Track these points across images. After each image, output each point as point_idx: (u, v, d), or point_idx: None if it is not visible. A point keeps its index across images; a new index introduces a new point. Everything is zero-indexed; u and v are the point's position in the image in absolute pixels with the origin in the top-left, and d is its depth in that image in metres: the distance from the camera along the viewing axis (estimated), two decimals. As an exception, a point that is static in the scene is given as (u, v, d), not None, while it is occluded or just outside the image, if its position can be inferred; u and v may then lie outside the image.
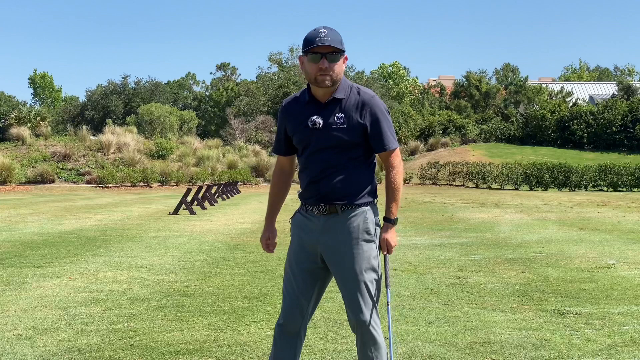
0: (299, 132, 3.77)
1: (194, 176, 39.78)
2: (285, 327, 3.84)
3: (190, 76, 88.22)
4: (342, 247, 3.75)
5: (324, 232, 3.77)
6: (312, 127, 3.71)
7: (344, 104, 3.72)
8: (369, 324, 3.72)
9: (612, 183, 36.79)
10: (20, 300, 7.19)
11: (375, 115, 3.72)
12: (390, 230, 3.81)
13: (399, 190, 3.79)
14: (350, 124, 3.69)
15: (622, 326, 5.98)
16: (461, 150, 50.71)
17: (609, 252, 10.77)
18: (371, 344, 3.76)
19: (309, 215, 3.83)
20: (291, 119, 3.81)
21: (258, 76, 75.46)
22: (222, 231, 14.33)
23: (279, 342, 3.87)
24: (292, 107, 3.83)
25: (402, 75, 79.28)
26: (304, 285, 3.83)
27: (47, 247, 11.48)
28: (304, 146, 3.78)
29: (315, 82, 3.69)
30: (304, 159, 3.81)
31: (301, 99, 3.82)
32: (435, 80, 76.39)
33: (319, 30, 3.65)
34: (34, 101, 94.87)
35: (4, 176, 36.73)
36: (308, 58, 3.67)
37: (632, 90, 57.19)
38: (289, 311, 3.83)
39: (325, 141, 3.71)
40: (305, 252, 3.83)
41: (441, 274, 8.75)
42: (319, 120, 3.71)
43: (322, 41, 3.62)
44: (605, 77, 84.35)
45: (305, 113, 3.75)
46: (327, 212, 3.76)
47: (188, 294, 7.51)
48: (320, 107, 3.73)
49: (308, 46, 3.65)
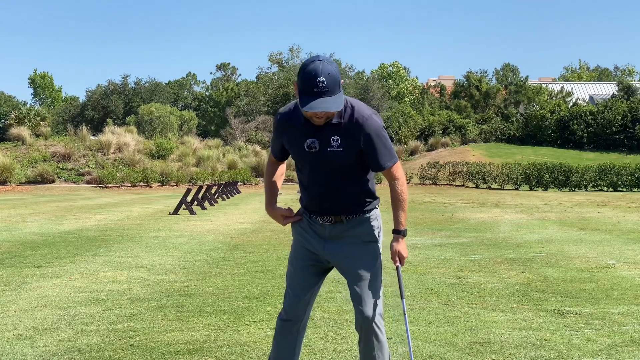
0: (297, 152, 3.76)
1: (194, 176, 39.78)
2: (289, 322, 3.89)
3: (190, 76, 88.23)
4: (348, 250, 3.82)
5: (329, 238, 3.84)
6: (309, 150, 3.68)
7: (340, 127, 3.66)
8: (372, 321, 3.77)
9: (612, 183, 36.80)
10: (20, 300, 7.19)
11: (369, 137, 3.65)
12: (401, 241, 3.85)
13: (405, 201, 3.81)
14: (346, 146, 3.65)
15: (622, 326, 5.98)
16: (461, 150, 50.70)
17: (609, 252, 10.77)
18: (375, 343, 3.80)
19: (313, 222, 3.88)
20: (287, 135, 3.78)
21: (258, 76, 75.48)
22: (222, 231, 14.33)
23: (281, 338, 3.92)
24: (289, 124, 3.76)
25: (402, 75, 79.29)
26: (306, 281, 3.89)
27: (47, 247, 11.48)
28: (302, 165, 3.80)
29: (310, 120, 3.65)
30: (303, 175, 3.83)
31: (296, 116, 3.73)
32: (435, 80, 76.39)
33: (317, 79, 3.46)
34: (34, 101, 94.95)
35: (4, 176, 36.73)
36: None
37: (632, 90, 57.17)
38: (294, 306, 3.88)
39: (323, 164, 3.70)
40: (309, 252, 3.90)
41: (441, 274, 8.76)
42: (315, 145, 3.67)
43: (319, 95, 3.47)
44: (605, 77, 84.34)
45: (301, 134, 3.69)
46: (332, 222, 3.81)
47: (188, 294, 7.51)
48: (316, 130, 3.67)
49: (303, 92, 3.49)
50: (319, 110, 3.48)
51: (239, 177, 40.20)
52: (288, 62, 74.24)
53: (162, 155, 42.73)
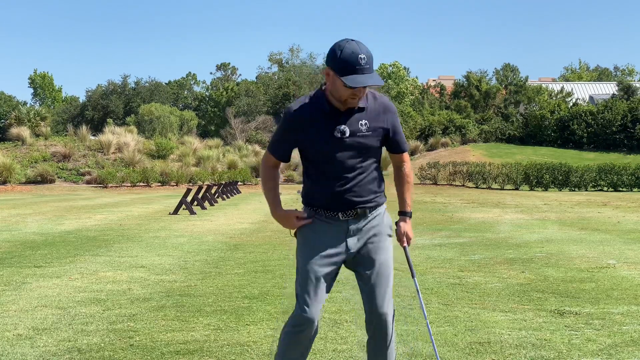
0: (324, 143, 3.67)
1: (194, 176, 39.79)
2: (308, 328, 3.75)
3: (190, 76, 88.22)
4: (373, 244, 3.82)
5: (352, 234, 3.78)
6: (341, 136, 3.66)
7: (366, 111, 3.70)
8: (391, 316, 3.83)
9: (612, 183, 36.79)
10: (20, 300, 7.19)
11: (394, 120, 3.81)
12: (408, 222, 3.98)
13: (412, 184, 3.97)
14: (374, 130, 3.71)
15: (622, 326, 5.98)
16: (461, 150, 50.69)
17: (609, 252, 10.77)
18: (390, 336, 3.83)
19: (331, 220, 3.78)
20: (310, 131, 3.68)
21: (258, 76, 75.49)
22: (222, 231, 14.33)
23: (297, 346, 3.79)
24: (310, 117, 3.69)
25: (402, 75, 79.26)
26: (326, 283, 3.79)
27: (47, 247, 11.48)
28: (327, 158, 3.70)
29: (344, 103, 3.64)
30: (327, 167, 3.72)
31: (318, 107, 3.69)
32: (435, 80, 76.41)
33: (359, 57, 3.50)
34: (34, 101, 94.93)
35: (4, 176, 36.73)
36: (342, 81, 3.55)
37: (632, 90, 57.16)
38: (314, 311, 3.75)
39: (351, 149, 3.68)
40: (327, 255, 3.77)
41: (441, 274, 8.76)
42: (346, 130, 3.67)
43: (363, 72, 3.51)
44: (605, 77, 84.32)
45: (330, 123, 3.67)
46: (355, 216, 3.77)
47: (188, 294, 7.51)
48: (343, 116, 3.68)
49: (346, 72, 3.51)
50: (370, 84, 3.54)
51: (239, 177, 40.21)
52: (288, 62, 74.24)
53: (162, 155, 42.74)
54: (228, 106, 62.70)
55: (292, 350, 3.81)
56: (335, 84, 3.59)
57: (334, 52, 3.55)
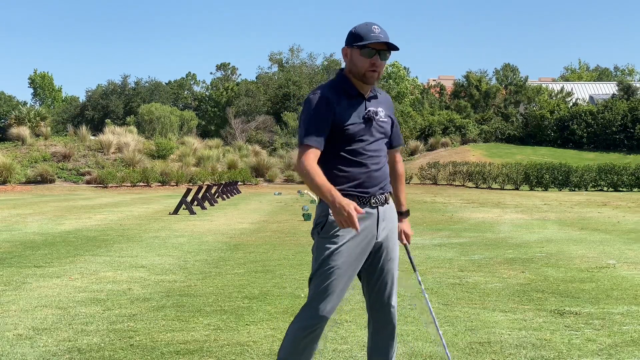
0: (359, 124, 3.69)
1: (194, 176, 39.79)
2: (322, 326, 3.74)
3: (190, 76, 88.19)
4: (393, 233, 3.90)
5: (381, 222, 3.78)
6: (373, 117, 3.74)
7: (379, 99, 3.83)
8: (396, 309, 3.92)
9: (612, 183, 36.80)
10: (20, 300, 7.19)
11: (393, 114, 3.96)
12: (406, 221, 4.10)
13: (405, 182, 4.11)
14: (387, 118, 3.85)
15: (622, 326, 5.98)
16: (461, 150, 50.69)
17: (609, 252, 10.77)
18: (395, 329, 3.90)
19: (363, 206, 3.71)
20: (344, 110, 3.67)
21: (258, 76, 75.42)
22: (222, 231, 14.33)
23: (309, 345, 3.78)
24: (338, 100, 3.69)
25: (402, 75, 79.25)
26: (349, 283, 3.76)
27: (47, 247, 11.48)
28: (362, 137, 3.70)
29: (364, 78, 3.67)
30: (360, 149, 3.69)
31: (344, 91, 3.70)
32: (435, 80, 76.40)
33: (372, 26, 3.63)
34: (34, 101, 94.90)
35: (4, 176, 36.74)
36: (360, 52, 3.62)
37: (632, 90, 57.16)
38: (334, 309, 3.74)
39: (378, 132, 3.77)
40: (360, 250, 3.72)
41: (441, 274, 8.76)
42: (373, 115, 3.75)
43: (378, 37, 3.60)
44: (605, 77, 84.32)
45: (359, 105, 3.73)
46: (382, 203, 3.80)
47: (188, 294, 7.51)
48: (369, 101, 3.78)
49: (362, 40, 3.61)
50: (379, 39, 3.59)
51: (239, 177, 40.20)
52: (288, 62, 74.21)
53: (162, 155, 42.74)
54: (228, 106, 62.68)
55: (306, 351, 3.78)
56: (354, 59, 3.65)
57: (350, 31, 3.69)
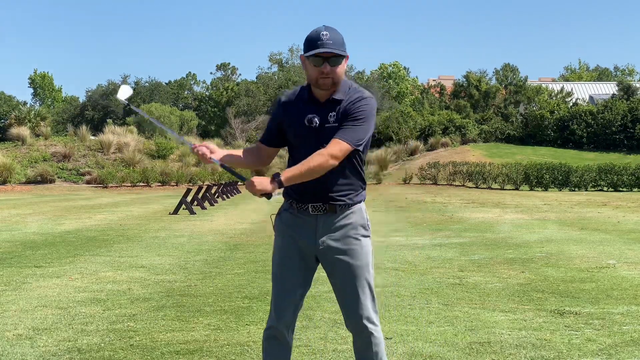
0: (296, 129, 3.75)
1: (194, 176, 39.79)
2: (280, 333, 3.76)
3: (190, 76, 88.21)
4: (343, 245, 3.73)
5: (321, 231, 3.74)
6: (309, 125, 3.70)
7: (341, 104, 3.71)
8: (372, 321, 3.74)
9: (612, 183, 36.79)
10: (20, 300, 7.19)
11: (354, 112, 3.66)
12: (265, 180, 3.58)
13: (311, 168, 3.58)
14: (341, 122, 3.69)
15: (622, 326, 5.98)
16: (461, 150, 50.68)
17: (609, 252, 10.77)
18: (373, 342, 3.76)
19: (302, 214, 3.76)
20: (288, 114, 3.78)
21: (258, 76, 75.43)
22: (222, 231, 14.33)
23: (270, 349, 3.80)
24: (291, 103, 3.80)
25: (402, 75, 79.28)
26: (297, 281, 3.77)
27: (47, 247, 11.48)
28: (300, 143, 3.75)
29: (317, 85, 3.69)
30: (299, 154, 3.73)
31: (300, 96, 3.79)
32: (435, 80, 76.36)
33: (321, 33, 3.62)
34: (34, 101, 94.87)
35: (4, 176, 36.73)
36: (310, 60, 3.65)
37: (632, 90, 57.13)
38: (282, 312, 3.76)
39: (322, 140, 3.68)
40: (296, 251, 3.77)
41: (441, 274, 8.76)
42: (316, 120, 3.70)
43: (324, 45, 3.60)
44: (605, 77, 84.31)
45: (304, 111, 3.73)
46: (325, 212, 3.73)
47: (188, 294, 7.51)
48: (319, 106, 3.73)
49: (310, 49, 3.63)
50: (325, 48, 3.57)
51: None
52: (288, 62, 74.24)
53: (162, 155, 42.74)
54: (228, 106, 62.69)
55: (270, 353, 3.79)
56: (307, 67, 3.70)
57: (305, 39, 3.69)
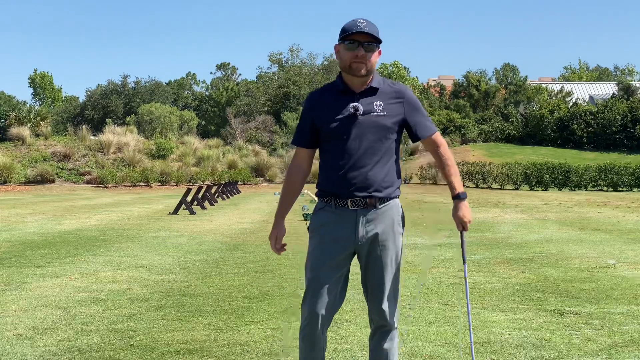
0: (336, 121, 3.66)
1: (194, 176, 39.78)
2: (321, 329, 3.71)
3: (190, 76, 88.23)
4: (381, 240, 3.72)
5: (361, 225, 3.69)
6: (354, 112, 3.65)
7: (380, 92, 3.72)
8: (395, 316, 3.80)
9: (612, 183, 36.79)
10: (20, 300, 7.19)
11: (412, 105, 3.77)
12: (462, 205, 3.81)
13: (455, 165, 3.82)
14: (389, 111, 3.69)
15: (622, 326, 5.98)
16: (461, 150, 50.69)
17: (609, 252, 10.77)
18: (393, 336, 3.82)
19: (340, 210, 3.70)
20: (324, 108, 3.71)
21: (258, 76, 75.47)
22: (222, 231, 14.33)
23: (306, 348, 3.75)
24: (324, 97, 3.74)
25: (403, 75, 79.24)
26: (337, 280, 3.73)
27: (47, 247, 11.48)
28: (340, 134, 3.66)
29: (350, 70, 3.65)
30: (338, 147, 3.67)
31: (333, 89, 3.74)
32: (435, 80, 76.37)
33: (358, 20, 3.65)
34: (34, 101, 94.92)
35: (4, 176, 36.73)
36: (345, 46, 3.65)
37: (632, 90, 57.17)
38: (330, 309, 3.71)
39: (366, 128, 3.65)
40: (334, 250, 3.71)
41: (441, 274, 8.76)
42: (360, 107, 3.66)
43: (360, 29, 3.61)
44: (605, 77, 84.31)
45: (342, 101, 3.69)
46: (364, 206, 3.68)
47: (188, 294, 7.51)
48: (357, 96, 3.69)
49: (345, 33, 3.64)
50: (361, 30, 3.60)
51: (239, 177, 40.18)
52: (288, 62, 74.21)
53: (162, 155, 42.73)
54: (228, 106, 62.72)
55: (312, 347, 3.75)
56: (340, 53, 3.68)
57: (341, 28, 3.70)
